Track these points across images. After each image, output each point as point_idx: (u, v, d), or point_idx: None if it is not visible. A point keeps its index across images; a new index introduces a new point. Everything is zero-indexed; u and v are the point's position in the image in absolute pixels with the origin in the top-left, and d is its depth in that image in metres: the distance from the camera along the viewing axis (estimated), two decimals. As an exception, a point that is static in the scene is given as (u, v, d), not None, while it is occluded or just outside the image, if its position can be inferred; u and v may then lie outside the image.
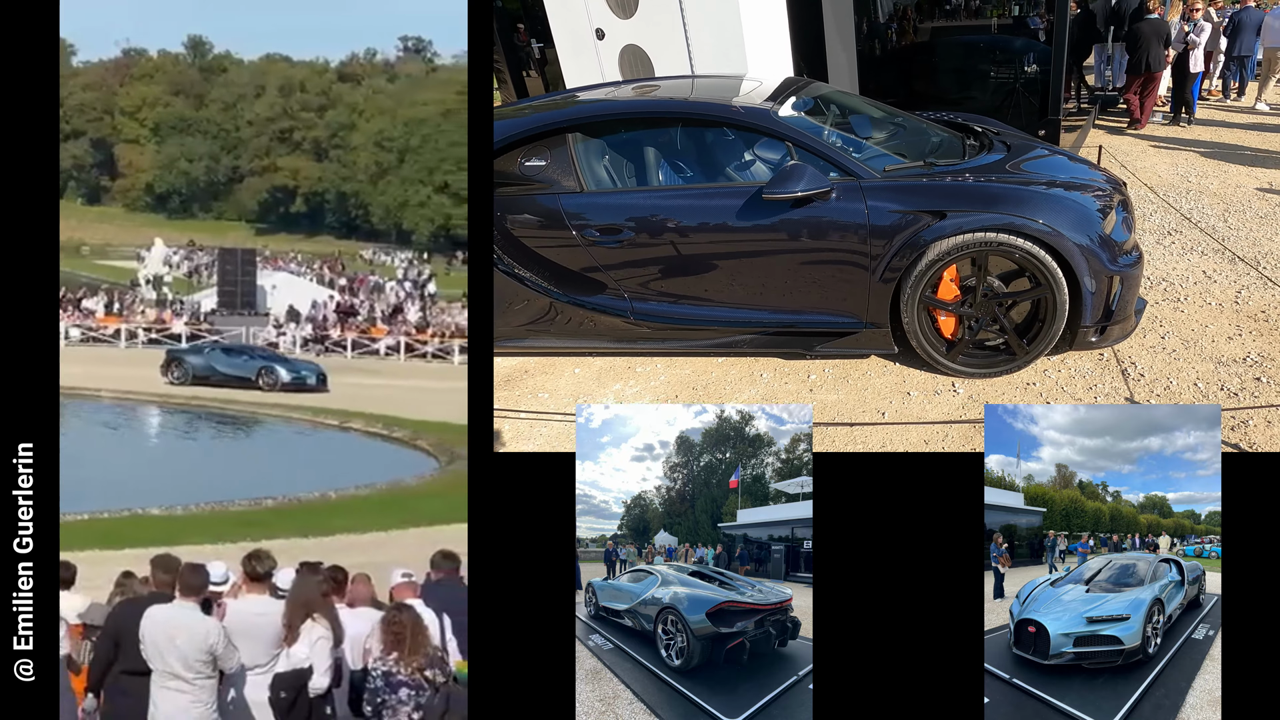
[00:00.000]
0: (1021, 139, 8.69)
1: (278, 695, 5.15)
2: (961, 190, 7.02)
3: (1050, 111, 11.68)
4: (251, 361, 26.25)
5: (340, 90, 73.34)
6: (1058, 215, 6.77)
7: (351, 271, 51.77)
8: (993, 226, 6.68)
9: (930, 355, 6.97)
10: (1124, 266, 6.95)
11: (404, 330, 34.39)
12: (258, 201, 73.21)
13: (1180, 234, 9.95)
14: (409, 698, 4.93)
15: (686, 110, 8.02)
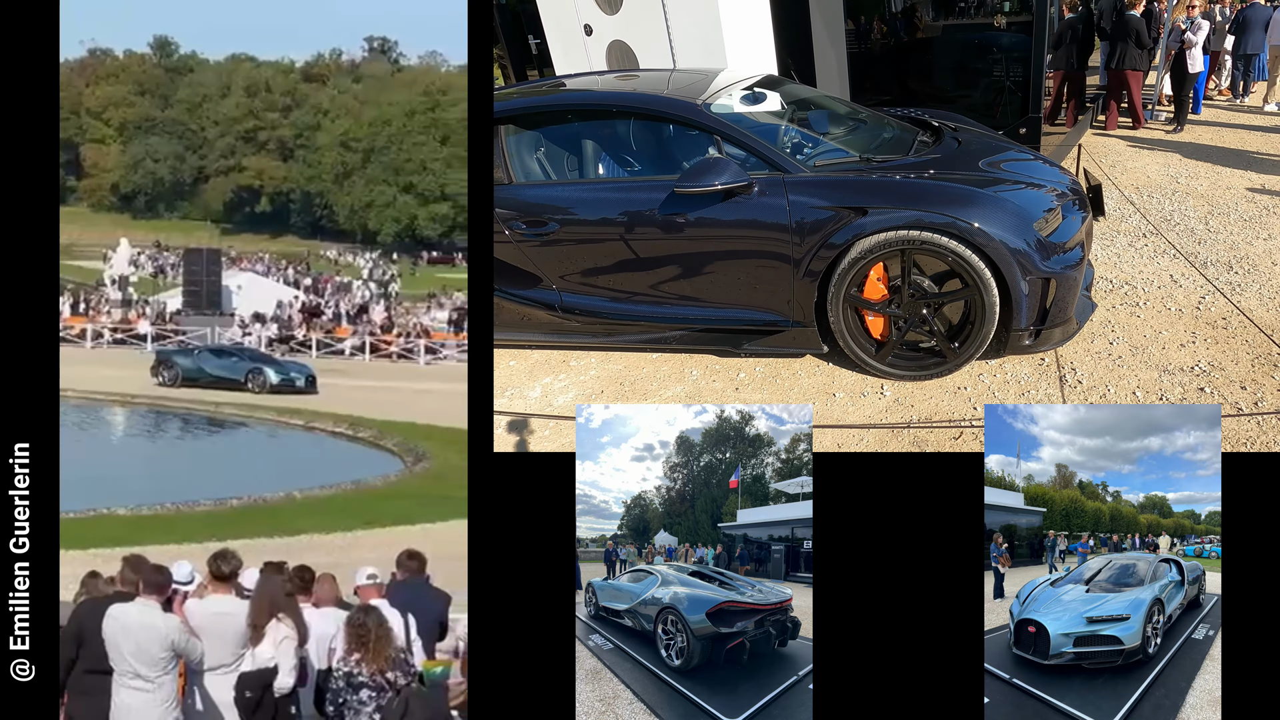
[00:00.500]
0: (983, 137, 8.52)
1: (243, 695, 5.15)
2: (885, 186, 6.84)
3: (1030, 109, 11.56)
4: (240, 363, 26.21)
5: (306, 90, 73.30)
6: (986, 213, 6.53)
7: (316, 271, 51.71)
8: (914, 224, 6.49)
9: (858, 356, 6.83)
10: (1061, 268, 6.70)
11: (369, 330, 34.38)
12: (223, 201, 73.12)
13: (1156, 237, 9.84)
14: (370, 699, 4.96)
15: (617, 102, 7.96)
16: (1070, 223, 7.04)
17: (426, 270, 58.26)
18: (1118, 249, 9.52)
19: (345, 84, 73.73)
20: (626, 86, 8.83)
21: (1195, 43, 15.00)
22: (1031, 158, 8.18)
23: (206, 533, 12.06)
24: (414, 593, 6.31)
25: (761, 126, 7.57)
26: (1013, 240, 6.49)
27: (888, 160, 7.37)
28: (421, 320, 36.70)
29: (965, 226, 6.43)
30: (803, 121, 8.07)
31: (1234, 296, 8.00)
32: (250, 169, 72.22)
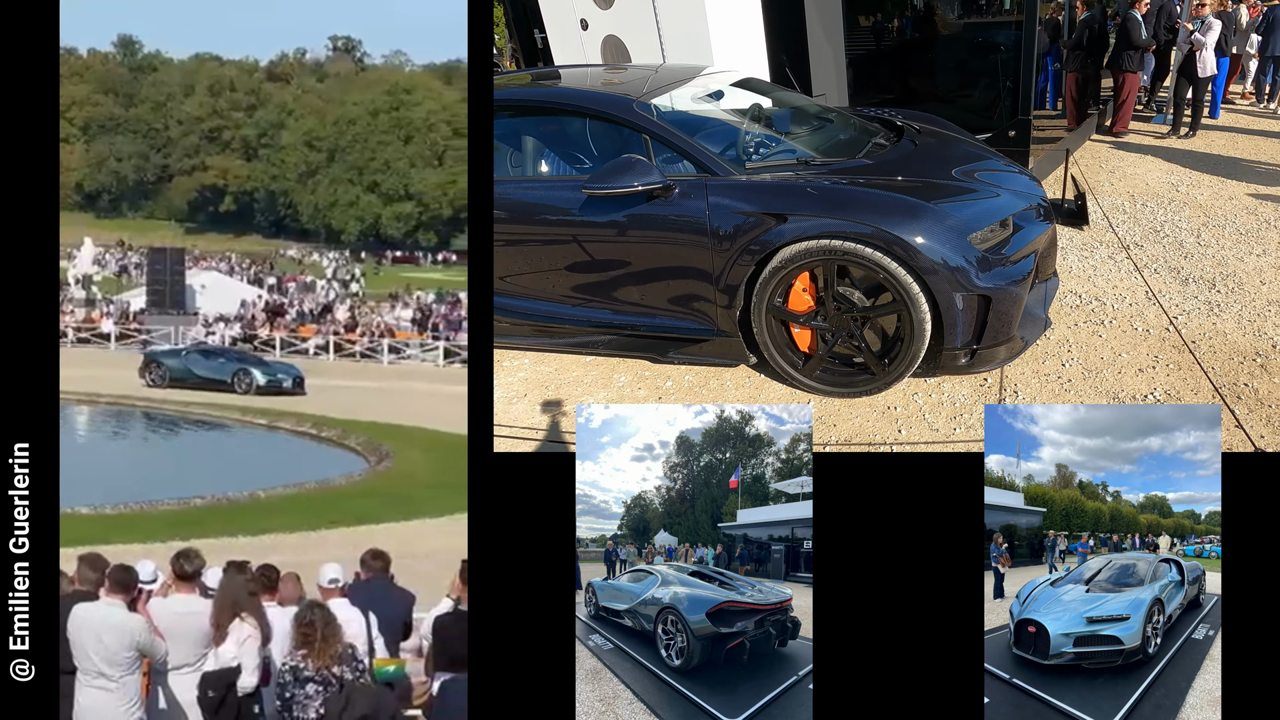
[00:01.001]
0: (953, 142, 8.18)
1: (205, 694, 5.18)
2: (810, 192, 6.49)
3: (1020, 111, 11.26)
4: (227, 364, 26.23)
5: (270, 90, 73.58)
6: (913, 224, 6.12)
7: (280, 271, 51.85)
8: (834, 233, 6.16)
9: (783, 369, 6.59)
10: (1003, 284, 6.29)
11: (333, 330, 34.44)
12: (187, 200, 73.33)
13: (1138, 249, 9.31)
14: (316, 693, 5.03)
15: (555, 99, 7.78)
16: (1023, 235, 6.66)
17: (390, 270, 58.57)
18: (1095, 261, 9.08)
19: (309, 83, 74.08)
20: (576, 83, 8.68)
21: (1205, 44, 14.20)
22: (1000, 165, 7.81)
23: (170, 532, 12.09)
24: (377, 592, 6.36)
25: (710, 126, 7.36)
26: (943, 253, 6.10)
27: (831, 163, 7.05)
28: (385, 319, 36.90)
29: (888, 237, 6.06)
30: (762, 121, 7.81)
31: (1210, 317, 7.52)
32: (214, 168, 72.47)
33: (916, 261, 6.08)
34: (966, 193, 6.87)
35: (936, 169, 7.24)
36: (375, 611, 6.01)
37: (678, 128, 7.03)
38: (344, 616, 5.61)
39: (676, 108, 7.45)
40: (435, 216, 66.56)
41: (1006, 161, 8.03)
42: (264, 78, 75.14)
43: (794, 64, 11.70)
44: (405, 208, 66.24)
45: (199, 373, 25.95)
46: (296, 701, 5.05)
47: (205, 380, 25.65)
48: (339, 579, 5.99)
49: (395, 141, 66.79)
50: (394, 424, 21.62)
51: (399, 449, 19.63)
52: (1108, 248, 9.46)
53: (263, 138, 71.19)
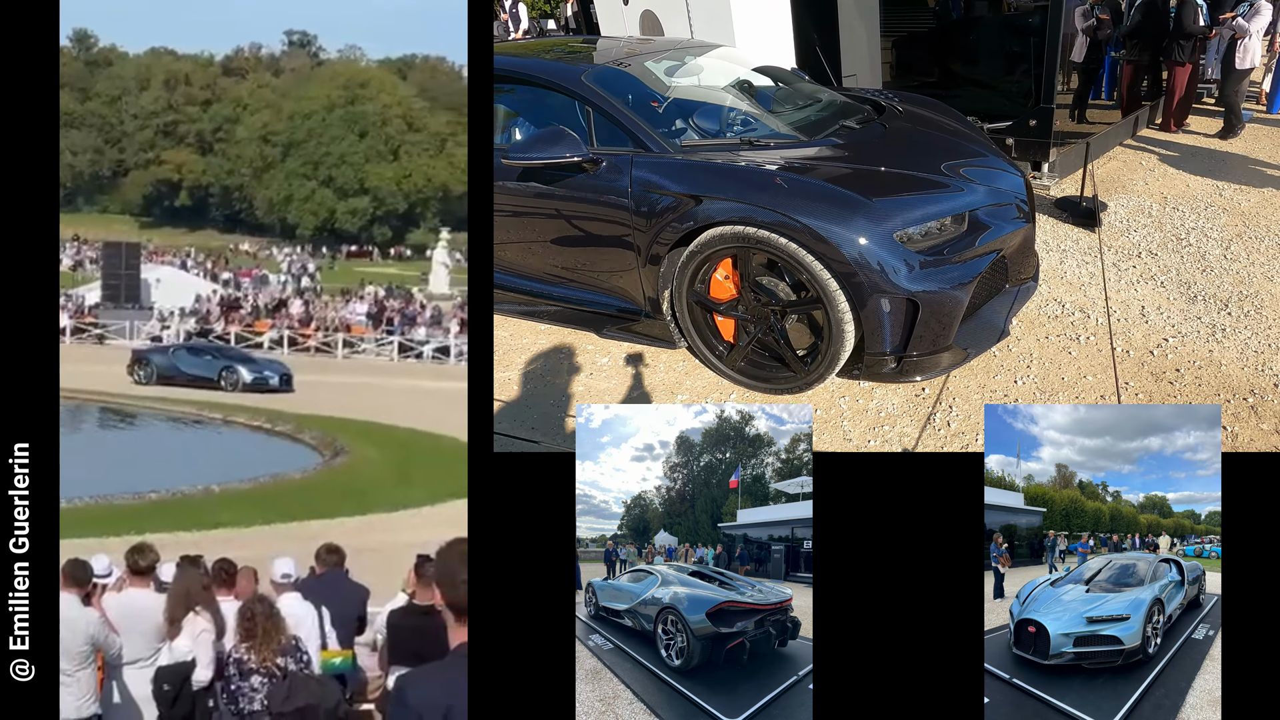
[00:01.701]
0: (936, 128, 7.77)
1: (160, 688, 5.22)
2: (729, 174, 6.20)
3: (1043, 99, 10.69)
4: (215, 361, 26.17)
5: (225, 84, 73.71)
6: (829, 214, 5.70)
7: (235, 265, 51.95)
8: (745, 219, 5.85)
9: (705, 356, 6.41)
10: (938, 287, 5.80)
11: (288, 325, 34.46)
12: (142, 195, 73.38)
13: (1153, 258, 8.58)
14: (260, 685, 5.10)
15: (517, 69, 7.65)
16: (984, 234, 6.18)
17: (345, 264, 58.66)
18: (1094, 268, 8.40)
19: (265, 78, 74.25)
20: (552, 54, 8.65)
21: (1249, 31, 12.60)
22: (984, 157, 7.27)
23: (124, 527, 12.13)
24: (331, 586, 6.42)
25: (670, 101, 7.21)
26: (862, 248, 5.67)
27: (781, 144, 6.74)
28: (341, 314, 37.00)
29: (800, 226, 5.68)
30: (737, 98, 7.61)
31: (1209, 343, 6.80)
32: (169, 162, 72.55)
33: (832, 255, 5.69)
34: (918, 184, 6.39)
35: (897, 156, 6.83)
36: (329, 606, 6.07)
37: (623, 101, 6.86)
38: (294, 611, 5.68)
39: (646, 80, 7.30)
40: (390, 211, 66.75)
41: (994, 153, 7.57)
42: (219, 72, 75.23)
43: (824, 43, 11.23)
44: (360, 202, 66.45)
45: (186, 370, 25.93)
46: (242, 694, 5.12)
47: (192, 378, 25.61)
48: (291, 573, 6.05)
49: (350, 136, 67.01)
50: (347, 418, 21.69)
51: (353, 444, 19.69)
52: (1116, 254, 8.78)
53: (218, 132, 71.28)
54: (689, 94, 7.54)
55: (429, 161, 67.29)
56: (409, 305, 38.38)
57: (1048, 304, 7.59)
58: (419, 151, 67.31)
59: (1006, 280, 6.59)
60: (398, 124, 67.20)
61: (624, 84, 7.21)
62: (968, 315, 6.19)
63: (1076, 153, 11.29)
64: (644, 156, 6.47)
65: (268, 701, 5.17)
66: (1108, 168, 11.87)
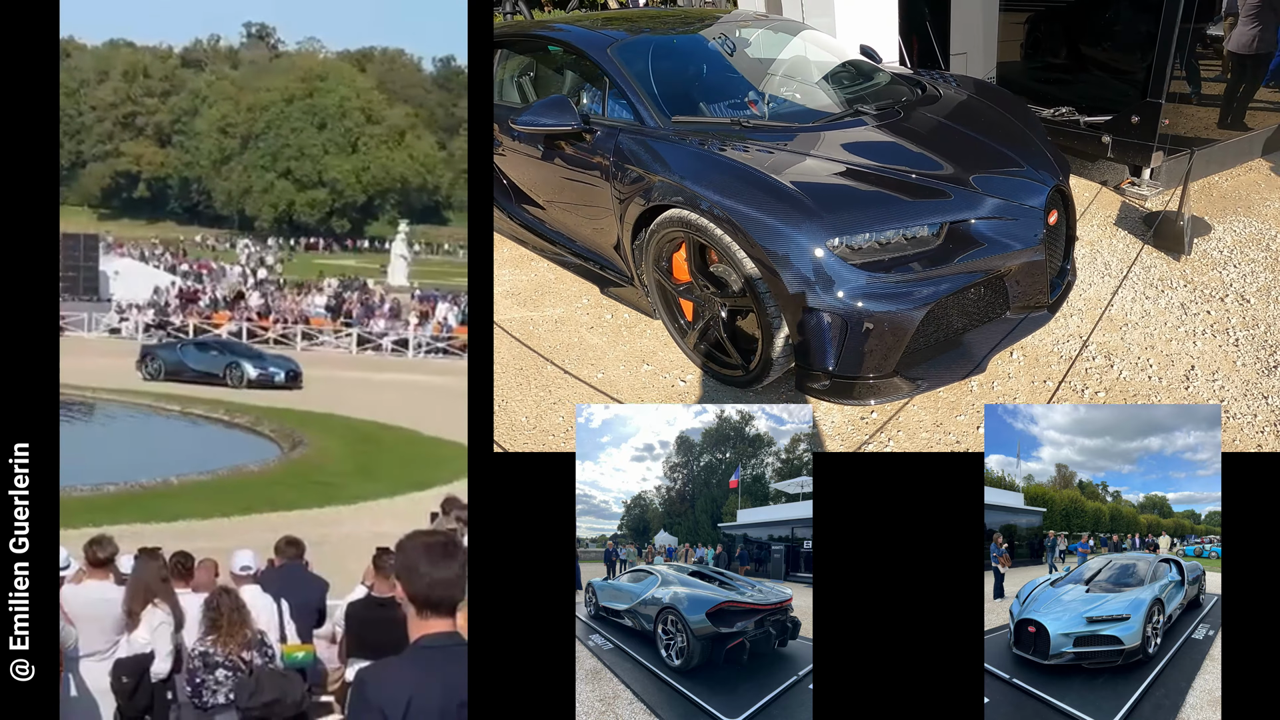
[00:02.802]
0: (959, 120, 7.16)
1: (119, 681, 5.23)
2: (682, 155, 6.14)
3: (1151, 93, 9.12)
4: (220, 357, 26.07)
5: (184, 76, 73.83)
6: (766, 210, 5.41)
7: (194, 257, 52.04)
8: (686, 203, 5.73)
9: (670, 332, 6.40)
10: (873, 307, 5.27)
11: (246, 317, 34.48)
12: (100, 187, 73.43)
13: (1243, 304, 6.89)
14: (226, 678, 5.10)
15: (558, 37, 8.11)
16: (968, 252, 5.60)
17: (304, 256, 58.79)
18: (1157, 305, 6.93)
19: (224, 69, 74.41)
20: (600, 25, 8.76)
21: None
22: (1015, 160, 6.58)
23: (83, 519, 12.16)
24: (291, 579, 6.46)
25: (697, 76, 7.41)
26: (788, 252, 5.33)
27: (770, 129, 6.59)
28: (300, 305, 37.07)
29: (728, 218, 5.46)
30: (780, 78, 7.60)
31: (1267, 434, 5.53)
32: (128, 154, 72.61)
33: (759, 255, 5.41)
34: (891, 186, 5.86)
35: (891, 154, 6.37)
36: (288, 598, 6.09)
37: (635, 74, 6.95)
38: (256, 603, 5.70)
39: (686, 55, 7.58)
40: (349, 203, 66.94)
41: (1035, 160, 6.68)
42: (178, 64, 75.37)
43: (934, 17, 10.63)
44: (319, 194, 66.65)
45: (192, 365, 25.87)
46: (206, 687, 5.13)
47: (199, 373, 25.52)
48: (251, 566, 6.07)
49: (309, 128, 67.16)
50: (317, 412, 21.69)
51: (313, 436, 19.71)
52: (1194, 291, 7.20)
53: (177, 124, 71.41)
54: (721, 71, 7.59)
55: (388, 154, 67.46)
56: (368, 298, 38.48)
57: (1068, 340, 6.44)
58: (378, 144, 67.48)
59: (1007, 306, 5.96)
60: (356, 116, 67.39)
61: (649, 58, 7.28)
62: (949, 342, 5.74)
63: (1204, 159, 9.49)
64: (629, 129, 6.54)
65: (234, 696, 5.19)
66: (1236, 182, 9.88)
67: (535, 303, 7.66)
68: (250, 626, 5.34)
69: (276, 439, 19.95)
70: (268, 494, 15.51)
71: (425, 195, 69.59)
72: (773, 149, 6.24)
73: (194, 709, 5.28)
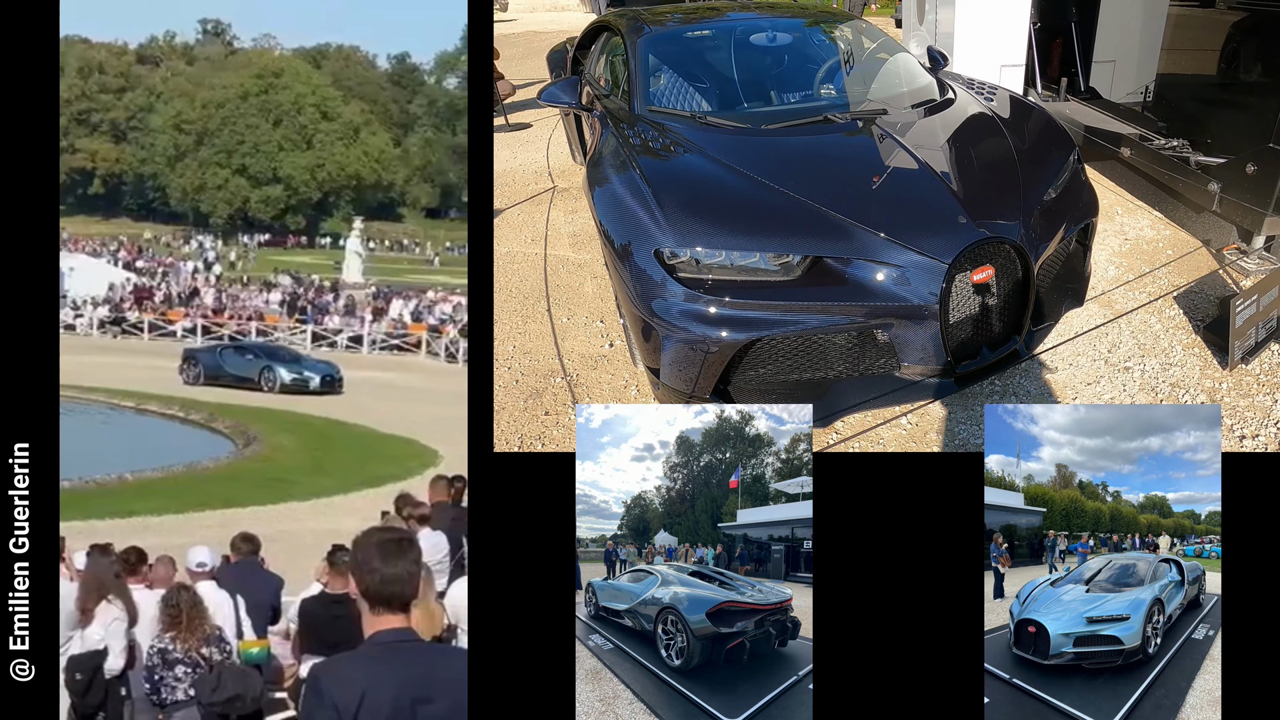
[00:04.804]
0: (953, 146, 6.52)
1: (73, 677, 5.23)
2: (610, 142, 6.52)
3: (1276, 138, 7.16)
4: (256, 361, 25.83)
5: (139, 72, 73.80)
6: (621, 203, 5.49)
7: (149, 254, 52.03)
8: (588, 185, 6.30)
9: None
10: (674, 322, 5.13)
11: (201, 313, 34.49)
12: None
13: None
14: (185, 675, 5.11)
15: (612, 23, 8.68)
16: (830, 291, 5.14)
17: (259, 253, 58.82)
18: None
19: (179, 66, 74.48)
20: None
21: None
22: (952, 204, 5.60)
23: None
24: (246, 575, 6.48)
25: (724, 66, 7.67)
26: (621, 247, 5.33)
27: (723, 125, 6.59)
28: (255, 302, 37.11)
29: (597, 209, 5.72)
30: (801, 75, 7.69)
31: None
32: (83, 151, 72.60)
33: (611, 248, 5.47)
34: (772, 204, 5.55)
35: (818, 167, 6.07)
36: (244, 594, 6.13)
37: (643, 65, 7.37)
38: (212, 599, 5.71)
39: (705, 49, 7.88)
40: (304, 200, 67.02)
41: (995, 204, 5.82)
42: (133, 60, 75.32)
43: (1082, 19, 9.62)
44: (274, 191, 66.77)
45: (230, 370, 25.63)
46: (165, 684, 5.14)
47: (236, 378, 25.27)
48: (207, 562, 6.09)
49: (264, 125, 67.29)
50: (263, 407, 21.79)
51: (268, 433, 19.69)
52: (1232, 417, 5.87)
53: (132, 121, 71.34)
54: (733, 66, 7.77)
55: (343, 150, 67.61)
56: (322, 295, 38.48)
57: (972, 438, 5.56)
58: (333, 140, 67.62)
59: (896, 367, 5.49)
60: (311, 113, 67.49)
61: (668, 52, 7.74)
62: (817, 384, 5.40)
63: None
64: (611, 110, 7.11)
65: (195, 692, 5.20)
66: (1241, 263, 7.99)
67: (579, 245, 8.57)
68: (209, 623, 5.37)
69: (231, 435, 19.92)
70: (223, 490, 15.51)
71: (380, 192, 69.89)
72: (691, 149, 6.21)
73: (151, 706, 5.29)
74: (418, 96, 75.91)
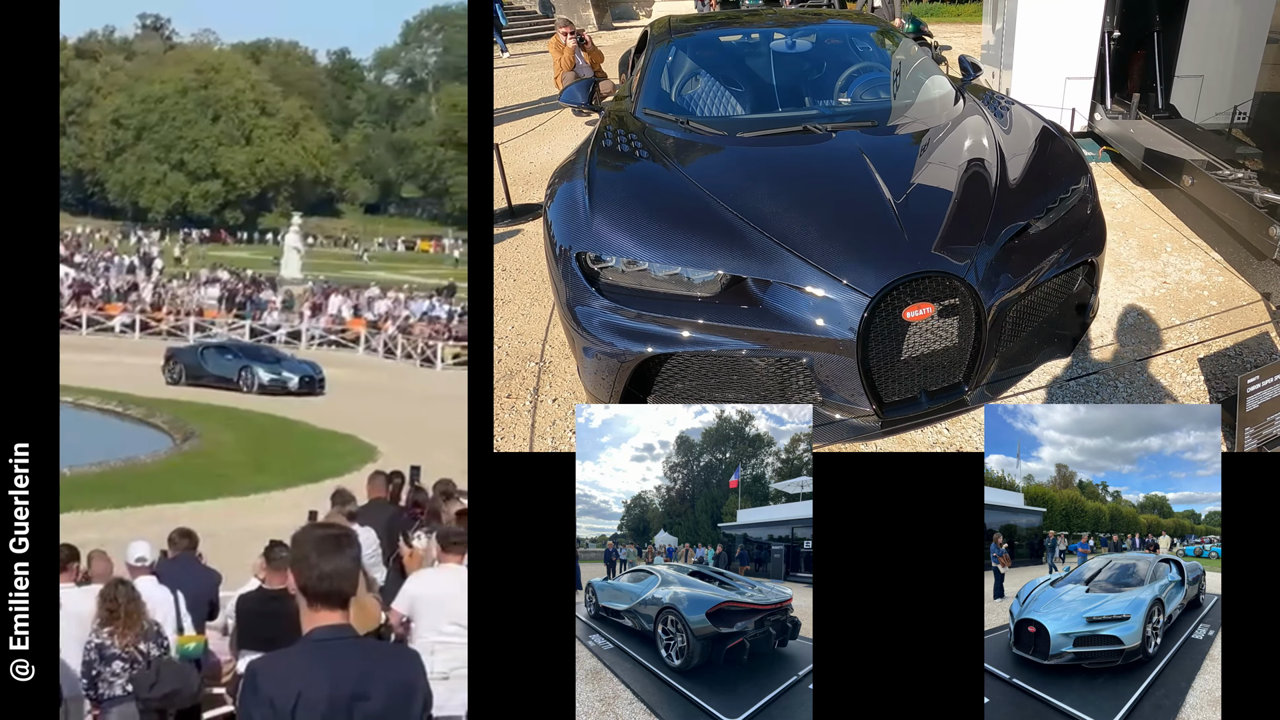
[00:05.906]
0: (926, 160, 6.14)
1: None
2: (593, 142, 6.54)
3: None
4: (235, 361, 25.66)
5: (78, 67, 73.68)
6: (568, 203, 5.59)
7: (87, 249, 51.99)
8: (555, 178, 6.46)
9: None
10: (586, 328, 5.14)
11: (139, 309, 34.39)
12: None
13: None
14: (122, 670, 5.12)
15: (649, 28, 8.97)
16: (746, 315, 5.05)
17: (198, 248, 58.88)
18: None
19: (118, 61, 74.35)
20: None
21: None
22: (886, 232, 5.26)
23: None
24: (184, 570, 6.48)
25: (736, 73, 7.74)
26: (556, 247, 5.42)
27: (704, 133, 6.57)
28: (196, 297, 37.07)
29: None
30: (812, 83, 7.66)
31: None
32: None
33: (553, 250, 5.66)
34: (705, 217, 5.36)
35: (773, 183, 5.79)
36: (182, 590, 6.14)
37: (657, 69, 7.53)
38: (151, 594, 5.72)
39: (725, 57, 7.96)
40: (243, 195, 67.06)
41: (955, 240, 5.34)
42: (72, 55, 75.14)
43: (1165, 28, 8.85)
44: (213, 186, 66.81)
45: (211, 370, 25.38)
46: (103, 679, 5.15)
47: (216, 378, 25.11)
48: (146, 557, 6.11)
49: (203, 120, 67.29)
50: (206, 403, 21.68)
51: (206, 428, 19.66)
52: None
53: (70, 115, 71.27)
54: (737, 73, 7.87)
55: (282, 146, 67.54)
56: (260, 290, 38.43)
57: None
58: (271, 136, 67.54)
59: (821, 397, 5.27)
60: (250, 108, 67.45)
61: (679, 57, 7.77)
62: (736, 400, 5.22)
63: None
64: (616, 113, 7.21)
65: (132, 687, 5.21)
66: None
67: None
68: (146, 618, 5.39)
69: (169, 431, 19.84)
70: (161, 486, 15.40)
71: (319, 188, 69.91)
72: (656, 155, 6.24)
73: (87, 702, 5.30)
74: (357, 92, 75.82)
